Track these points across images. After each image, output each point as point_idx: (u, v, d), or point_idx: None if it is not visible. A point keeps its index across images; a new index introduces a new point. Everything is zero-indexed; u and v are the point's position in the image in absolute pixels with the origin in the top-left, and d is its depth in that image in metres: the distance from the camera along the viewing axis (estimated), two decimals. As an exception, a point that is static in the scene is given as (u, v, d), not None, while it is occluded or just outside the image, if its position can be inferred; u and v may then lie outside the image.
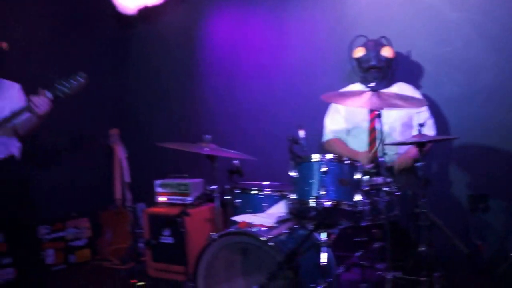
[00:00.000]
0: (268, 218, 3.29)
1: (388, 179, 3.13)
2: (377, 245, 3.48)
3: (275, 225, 3.19)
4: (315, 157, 3.10)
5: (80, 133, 5.83)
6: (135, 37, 6.25)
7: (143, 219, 4.92)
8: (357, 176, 3.09)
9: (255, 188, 3.68)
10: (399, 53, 4.29)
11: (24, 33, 5.07)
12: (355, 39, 4.22)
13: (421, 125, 3.38)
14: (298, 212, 3.18)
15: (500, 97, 4.13)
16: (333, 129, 4.29)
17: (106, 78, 6.22)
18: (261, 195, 3.62)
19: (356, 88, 4.18)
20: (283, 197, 3.50)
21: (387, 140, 3.70)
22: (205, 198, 4.52)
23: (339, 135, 4.26)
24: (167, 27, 5.94)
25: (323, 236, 3.08)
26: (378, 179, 3.24)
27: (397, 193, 3.17)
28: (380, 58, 4.05)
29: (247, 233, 3.08)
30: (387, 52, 4.06)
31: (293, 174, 3.17)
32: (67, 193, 5.56)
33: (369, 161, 3.73)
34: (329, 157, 3.09)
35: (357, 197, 3.05)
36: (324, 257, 3.01)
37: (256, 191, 3.65)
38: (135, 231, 5.25)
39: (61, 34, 5.69)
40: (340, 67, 4.60)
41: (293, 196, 3.14)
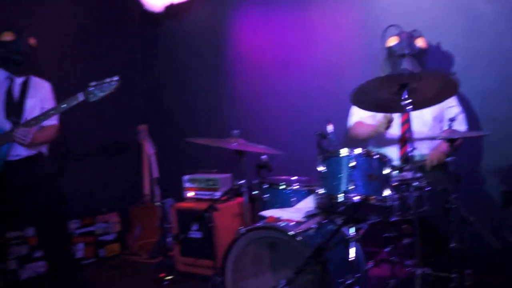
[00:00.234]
0: (296, 212, 3.28)
1: (417, 174, 3.08)
2: (406, 241, 3.44)
3: (303, 220, 3.18)
4: (344, 152, 3.07)
5: (109, 130, 5.88)
6: (162, 35, 6.28)
7: (171, 214, 4.95)
8: (387, 171, 3.06)
9: (283, 183, 3.67)
10: (428, 46, 4.22)
11: (53, 32, 5.12)
12: (388, 29, 4.12)
13: (452, 119, 3.33)
14: (326, 206, 3.15)
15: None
16: (356, 116, 4.22)
17: (134, 75, 6.28)
18: (289, 190, 3.62)
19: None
20: (311, 192, 3.49)
21: (418, 134, 3.65)
22: (233, 193, 4.54)
23: (364, 120, 4.19)
24: (193, 24, 5.96)
25: (352, 231, 3.07)
26: (407, 174, 3.20)
27: (427, 188, 3.13)
28: (413, 47, 3.93)
29: (275, 228, 3.08)
30: (421, 42, 3.96)
31: (321, 169, 3.14)
32: (97, 189, 5.63)
33: (386, 126, 3.70)
34: (358, 151, 3.05)
35: (386, 192, 3.02)
36: (352, 252, 3.00)
37: (284, 186, 3.64)
38: (164, 226, 5.27)
39: (89, 32, 5.76)
40: (367, 61, 4.55)
41: (322, 190, 3.11)
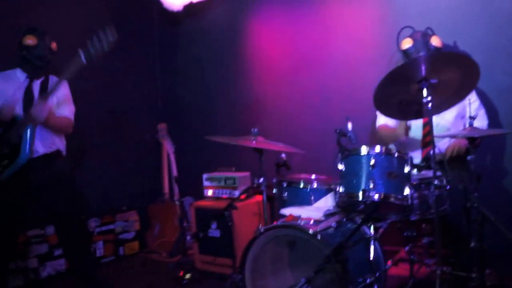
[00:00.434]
0: (315, 211, 3.28)
1: (438, 173, 3.06)
2: (426, 240, 3.42)
3: (322, 219, 3.17)
4: (364, 150, 3.05)
5: (129, 129, 5.92)
6: (181, 33, 6.30)
7: (190, 213, 4.97)
8: (406, 169, 3.04)
9: (303, 181, 3.67)
10: (447, 43, 4.19)
11: (71, 31, 5.11)
12: (402, 31, 4.12)
13: (472, 117, 3.30)
14: (346, 205, 3.15)
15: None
16: (383, 117, 4.19)
17: (153, 74, 6.32)
18: (309, 188, 3.61)
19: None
20: (330, 190, 3.48)
21: (440, 131, 3.62)
22: (252, 191, 4.54)
23: (388, 121, 4.16)
24: (212, 23, 5.97)
25: (371, 229, 3.06)
26: (428, 173, 3.18)
27: (447, 187, 3.11)
28: (429, 48, 3.90)
29: (294, 226, 3.06)
30: (435, 41, 3.92)
31: (341, 167, 3.13)
32: (116, 187, 5.68)
33: (404, 130, 3.67)
34: (378, 150, 3.04)
35: (406, 191, 3.00)
36: (372, 251, 2.99)
37: (303, 185, 3.64)
38: (183, 224, 5.30)
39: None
40: (386, 59, 4.52)
41: (341, 189, 3.10)
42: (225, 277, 4.11)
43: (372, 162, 2.98)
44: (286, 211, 3.39)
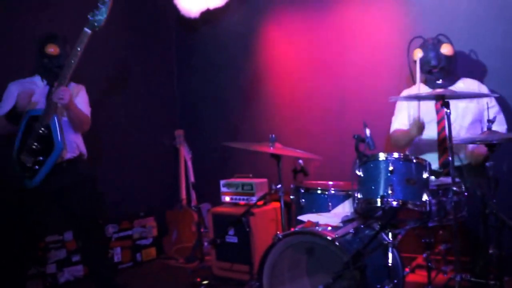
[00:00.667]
0: (333, 217, 3.28)
1: (456, 179, 3.05)
2: (444, 246, 3.41)
3: (340, 225, 3.17)
4: (382, 156, 3.05)
5: (146, 135, 5.95)
6: (197, 40, 6.33)
7: (208, 219, 4.99)
8: (425, 175, 3.03)
9: (320, 187, 3.67)
10: (463, 50, 4.19)
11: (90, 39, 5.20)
12: (412, 41, 4.11)
13: (491, 121, 3.27)
14: (364, 211, 3.13)
15: None
16: (397, 123, 4.18)
17: (170, 80, 6.36)
18: (326, 194, 3.61)
19: (420, 89, 4.06)
20: (348, 196, 3.48)
21: (457, 137, 3.61)
22: (270, 197, 4.55)
23: (402, 127, 4.14)
24: (228, 29, 5.99)
25: (390, 236, 3.05)
26: (446, 179, 3.17)
27: (465, 193, 3.10)
28: (440, 57, 3.89)
29: (313, 233, 3.07)
30: (446, 49, 3.90)
31: (359, 173, 3.13)
32: (134, 193, 5.69)
33: (417, 130, 3.66)
34: (396, 156, 3.03)
35: (425, 197, 2.98)
36: (390, 258, 2.98)
37: (321, 191, 3.64)
38: (200, 231, 5.31)
39: (125, 38, 5.83)
40: (404, 64, 4.50)
41: (359, 195, 3.09)
42: (242, 284, 4.13)
43: (390, 168, 2.97)
44: (303, 218, 3.39)
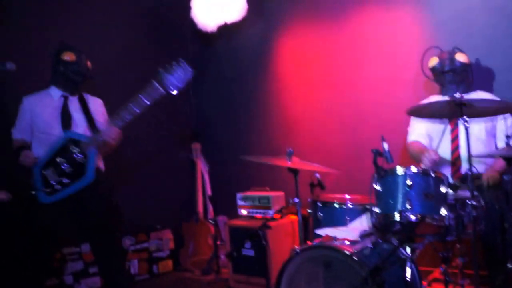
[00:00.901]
0: (351, 231, 3.27)
1: (474, 193, 3.04)
2: (462, 260, 3.39)
3: (358, 239, 3.17)
4: (400, 170, 3.05)
5: (163, 148, 5.98)
6: (215, 53, 6.37)
7: (224, 232, 5.00)
8: (443, 189, 3.02)
9: (338, 201, 3.67)
10: (479, 60, 4.19)
11: (105, 50, 5.24)
12: (428, 50, 4.12)
13: (509, 136, 3.26)
14: (382, 226, 3.14)
15: None
16: (414, 134, 4.18)
17: (187, 93, 6.39)
18: (344, 208, 3.61)
19: (436, 99, 4.05)
20: (365, 210, 3.48)
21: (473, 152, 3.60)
22: (287, 211, 4.55)
23: (420, 138, 4.14)
24: (245, 42, 6.03)
25: (408, 250, 3.04)
26: (464, 193, 3.16)
27: (483, 207, 3.09)
28: (454, 62, 3.89)
29: (330, 247, 3.07)
30: (461, 57, 3.91)
31: (377, 187, 3.13)
32: (151, 206, 5.70)
33: (432, 162, 3.65)
34: (414, 170, 3.04)
35: (443, 211, 2.98)
36: (409, 273, 2.97)
37: (338, 204, 3.64)
38: (217, 243, 5.32)
39: (141, 51, 5.87)
40: (421, 77, 4.50)
41: (377, 209, 3.10)
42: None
43: (408, 182, 2.98)
44: (321, 232, 3.39)
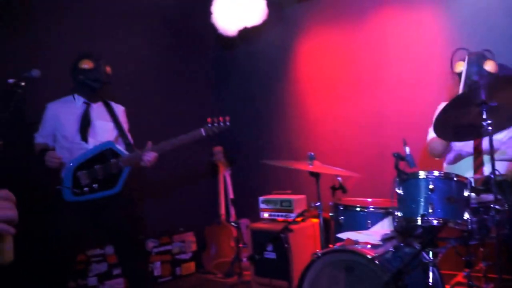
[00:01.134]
0: (372, 235, 3.27)
1: (498, 197, 3.01)
2: (485, 264, 3.36)
3: (380, 243, 3.16)
4: (422, 174, 3.03)
5: (186, 152, 6.00)
6: (236, 57, 6.42)
7: (246, 234, 5.02)
8: (466, 193, 3.00)
9: (359, 205, 3.67)
10: (505, 65, 4.12)
11: (128, 57, 5.29)
12: (456, 52, 4.03)
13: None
14: (403, 230, 3.12)
15: None
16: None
17: (208, 98, 6.42)
18: (365, 212, 3.61)
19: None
20: (387, 214, 3.47)
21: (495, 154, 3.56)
22: (308, 214, 4.55)
23: None
24: (266, 46, 6.06)
25: (430, 255, 3.03)
26: (487, 197, 3.13)
27: (507, 211, 3.05)
28: (482, 73, 3.77)
29: (352, 251, 3.06)
30: (490, 66, 3.78)
31: (399, 191, 3.11)
32: (174, 209, 5.74)
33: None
34: (436, 174, 3.01)
35: (466, 215, 2.96)
36: (431, 277, 2.96)
37: (360, 208, 3.64)
38: (239, 246, 5.34)
39: (165, 57, 5.94)
40: (442, 79, 4.47)
41: (399, 213, 3.08)
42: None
43: (431, 186, 2.96)
44: (343, 235, 3.38)
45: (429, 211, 2.92)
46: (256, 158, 4.58)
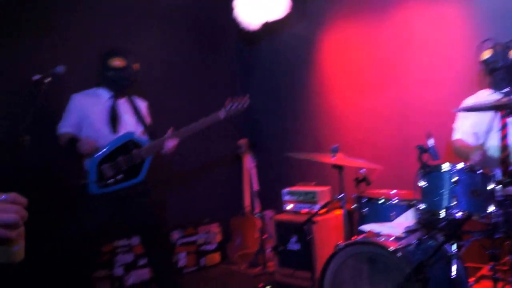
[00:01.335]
0: (395, 227, 3.26)
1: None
2: (511, 257, 3.33)
3: (403, 235, 3.15)
4: (446, 167, 3.01)
5: (212, 144, 6.05)
6: (259, 51, 6.43)
7: (271, 226, 5.04)
8: (491, 186, 2.98)
9: (383, 197, 3.66)
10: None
11: (152, 53, 5.32)
12: (483, 43, 4.01)
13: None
14: (427, 222, 3.11)
15: None
16: (460, 131, 4.10)
17: (234, 90, 6.43)
18: (389, 204, 3.60)
19: (485, 94, 3.97)
20: (410, 207, 3.45)
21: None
22: (332, 206, 4.55)
23: (466, 137, 4.06)
24: (289, 39, 6.04)
25: (454, 247, 3.01)
26: (512, 189, 3.10)
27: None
28: (507, 59, 3.74)
29: (375, 243, 3.07)
30: None
31: (422, 183, 3.11)
32: (199, 200, 5.81)
33: (480, 157, 3.57)
34: (460, 166, 2.99)
35: (490, 208, 2.94)
36: (454, 270, 2.94)
37: (383, 200, 3.63)
38: (263, 237, 5.37)
39: (189, 52, 5.98)
40: (467, 72, 4.42)
41: (422, 206, 3.07)
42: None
43: (454, 179, 2.94)
44: (366, 227, 3.39)
45: (453, 203, 2.90)
46: (280, 150, 4.59)
